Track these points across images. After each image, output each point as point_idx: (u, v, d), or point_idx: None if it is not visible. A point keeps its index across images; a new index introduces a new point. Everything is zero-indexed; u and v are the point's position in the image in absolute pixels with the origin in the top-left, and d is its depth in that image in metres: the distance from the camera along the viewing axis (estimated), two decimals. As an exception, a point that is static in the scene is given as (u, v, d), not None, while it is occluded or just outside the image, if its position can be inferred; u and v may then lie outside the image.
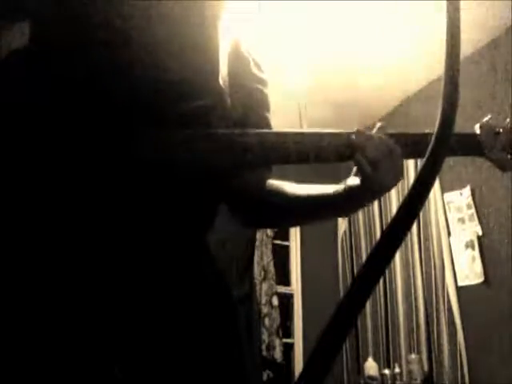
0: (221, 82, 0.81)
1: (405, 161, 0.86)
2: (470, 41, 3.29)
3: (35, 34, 0.73)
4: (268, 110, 0.96)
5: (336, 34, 3.32)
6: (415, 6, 3.04)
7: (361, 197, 0.86)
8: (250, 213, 0.95)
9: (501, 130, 0.92)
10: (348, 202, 0.88)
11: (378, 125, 0.86)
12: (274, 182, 0.94)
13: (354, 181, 0.84)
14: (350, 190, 0.85)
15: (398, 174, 0.82)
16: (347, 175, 0.87)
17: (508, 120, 0.93)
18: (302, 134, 0.82)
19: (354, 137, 0.81)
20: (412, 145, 0.84)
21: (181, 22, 0.78)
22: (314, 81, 3.67)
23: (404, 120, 3.92)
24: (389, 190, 0.83)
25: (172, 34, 0.77)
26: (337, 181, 0.89)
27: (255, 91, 0.94)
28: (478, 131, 0.91)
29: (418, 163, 3.50)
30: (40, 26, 0.74)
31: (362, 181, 0.82)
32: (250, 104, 0.91)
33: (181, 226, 0.78)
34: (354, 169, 0.85)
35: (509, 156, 0.91)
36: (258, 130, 0.82)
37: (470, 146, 0.91)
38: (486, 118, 0.92)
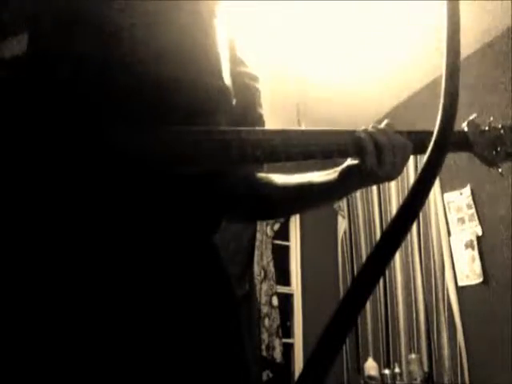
0: (226, 81, 0.81)
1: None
2: (470, 41, 3.29)
3: (34, 36, 0.73)
4: (261, 106, 0.98)
5: (335, 33, 3.32)
6: (415, 6, 3.04)
7: (358, 182, 0.89)
8: (241, 207, 0.96)
9: (486, 128, 0.95)
10: (340, 189, 0.91)
11: (386, 122, 0.88)
12: (263, 175, 0.95)
13: (351, 166, 0.87)
14: (348, 175, 0.87)
15: (402, 168, 0.84)
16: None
17: (492, 118, 0.96)
18: (309, 131, 0.83)
19: (362, 134, 0.83)
20: (417, 142, 0.86)
21: (175, 21, 0.78)
22: (313, 81, 3.67)
23: (402, 121, 3.92)
24: (389, 180, 0.87)
25: (167, 34, 0.77)
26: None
27: (249, 88, 0.95)
28: (465, 129, 0.94)
29: (418, 163, 3.50)
30: (38, 27, 0.74)
31: (364, 169, 0.84)
32: (245, 101, 0.92)
33: (188, 225, 0.78)
34: (348, 160, 0.87)
35: (494, 152, 0.94)
36: (264, 129, 0.83)
37: (459, 142, 0.94)
38: (471, 117, 0.95)
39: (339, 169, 0.89)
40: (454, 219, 3.38)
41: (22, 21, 0.73)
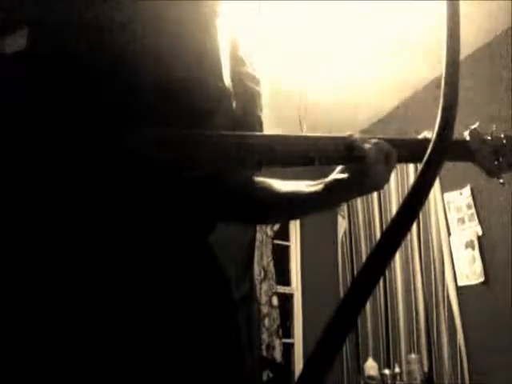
0: (226, 82, 0.81)
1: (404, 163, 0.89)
2: (470, 41, 3.29)
3: (34, 36, 0.73)
4: (261, 109, 0.98)
5: (333, 34, 3.32)
6: (414, 6, 3.04)
7: (344, 194, 0.90)
8: (238, 209, 0.96)
9: (488, 137, 0.95)
10: (325, 201, 0.92)
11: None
12: (261, 179, 0.96)
13: (337, 178, 0.88)
14: (332, 188, 0.88)
15: (388, 179, 0.85)
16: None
17: (494, 127, 0.96)
18: (309, 137, 0.83)
19: (352, 140, 0.83)
20: (409, 149, 0.87)
21: (176, 21, 0.78)
22: (314, 82, 3.68)
23: (402, 122, 3.92)
24: (376, 190, 0.87)
25: (168, 34, 0.77)
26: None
27: (250, 90, 0.95)
28: (467, 138, 0.94)
29: (418, 164, 3.50)
30: (38, 29, 0.74)
31: (350, 180, 0.85)
32: (246, 103, 0.92)
33: (185, 226, 0.78)
34: (339, 168, 0.88)
35: (495, 162, 0.94)
36: (263, 134, 0.83)
37: (460, 151, 0.94)
38: (473, 126, 0.95)
39: (325, 180, 0.90)
40: (454, 219, 3.38)
41: (23, 16, 0.73)
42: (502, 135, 0.97)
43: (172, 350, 0.71)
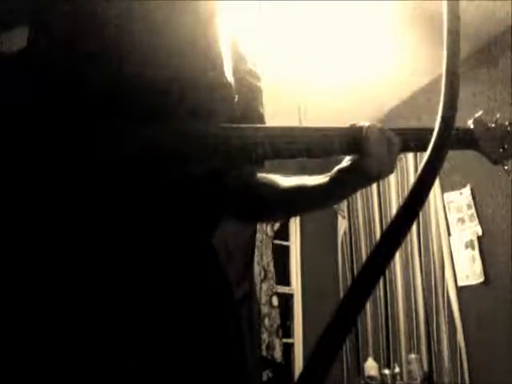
0: (227, 77, 0.81)
1: (404, 159, 0.89)
2: (470, 41, 3.29)
3: (34, 36, 0.73)
4: (262, 104, 0.98)
5: (333, 34, 3.32)
6: (413, 7, 3.04)
7: (349, 184, 0.90)
8: (242, 206, 0.96)
9: (492, 125, 0.95)
10: (335, 191, 0.92)
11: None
12: (264, 176, 0.95)
13: (341, 170, 0.87)
14: (337, 179, 0.88)
15: (393, 167, 0.84)
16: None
17: (498, 115, 0.96)
18: (309, 128, 0.83)
19: (355, 129, 0.83)
20: (414, 139, 0.87)
21: (176, 19, 0.79)
22: (314, 82, 3.67)
23: (402, 121, 3.92)
24: (380, 179, 0.87)
25: (169, 33, 0.77)
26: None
27: (251, 87, 0.95)
28: (471, 126, 0.94)
29: (418, 163, 3.50)
30: (38, 27, 0.74)
31: (355, 169, 0.84)
32: (247, 100, 0.92)
33: (187, 226, 0.78)
34: (346, 158, 0.87)
35: (500, 150, 0.94)
36: (265, 126, 0.84)
37: (465, 140, 0.94)
38: (478, 114, 0.95)
39: (330, 173, 0.89)
40: (454, 219, 3.38)
41: (23, 14, 0.73)
42: (507, 123, 0.97)
43: (172, 350, 0.71)
